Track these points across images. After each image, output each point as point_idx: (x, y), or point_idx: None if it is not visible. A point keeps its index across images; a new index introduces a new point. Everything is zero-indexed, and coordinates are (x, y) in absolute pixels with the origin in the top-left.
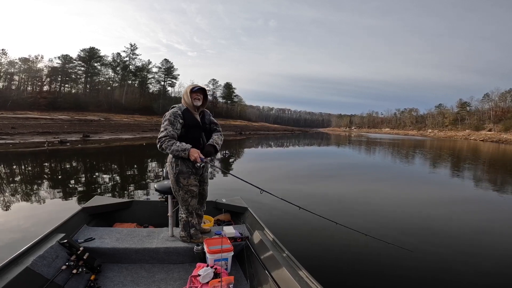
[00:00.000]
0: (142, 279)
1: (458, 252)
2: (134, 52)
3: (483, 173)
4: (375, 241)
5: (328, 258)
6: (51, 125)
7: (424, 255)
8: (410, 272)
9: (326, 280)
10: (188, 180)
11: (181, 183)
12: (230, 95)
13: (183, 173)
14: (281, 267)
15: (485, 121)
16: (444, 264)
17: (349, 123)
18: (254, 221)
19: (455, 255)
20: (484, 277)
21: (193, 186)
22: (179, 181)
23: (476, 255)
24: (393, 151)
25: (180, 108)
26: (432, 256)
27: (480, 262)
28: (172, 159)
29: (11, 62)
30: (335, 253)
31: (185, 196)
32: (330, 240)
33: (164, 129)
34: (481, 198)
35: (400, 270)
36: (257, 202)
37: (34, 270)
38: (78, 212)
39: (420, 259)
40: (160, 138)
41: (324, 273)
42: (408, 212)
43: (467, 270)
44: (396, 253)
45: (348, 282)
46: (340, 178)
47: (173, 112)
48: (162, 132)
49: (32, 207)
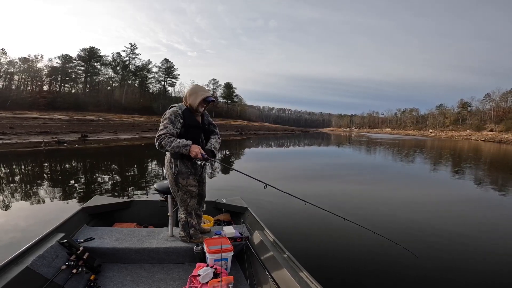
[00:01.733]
0: (142, 279)
1: (466, 256)
2: (134, 52)
3: (491, 174)
4: (377, 242)
5: (328, 258)
6: (50, 125)
7: (431, 258)
8: (413, 273)
9: (326, 280)
10: (187, 180)
11: (180, 183)
12: (230, 95)
13: (182, 173)
14: (281, 267)
15: (486, 121)
16: (452, 267)
17: (349, 123)
18: (254, 221)
19: (463, 259)
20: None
21: (192, 187)
22: (178, 181)
23: (484, 256)
24: (395, 151)
25: (180, 108)
26: (439, 260)
27: (492, 265)
28: (171, 160)
29: (11, 61)
30: (335, 253)
31: (184, 196)
32: (330, 240)
33: (164, 127)
34: (492, 199)
35: (402, 271)
36: (257, 202)
37: (34, 270)
38: (78, 212)
39: (426, 262)
40: (159, 136)
41: (324, 273)
42: (414, 212)
43: (475, 273)
44: (400, 254)
45: (348, 283)
46: (343, 177)
47: (174, 111)
48: (161, 130)
49: (27, 208)
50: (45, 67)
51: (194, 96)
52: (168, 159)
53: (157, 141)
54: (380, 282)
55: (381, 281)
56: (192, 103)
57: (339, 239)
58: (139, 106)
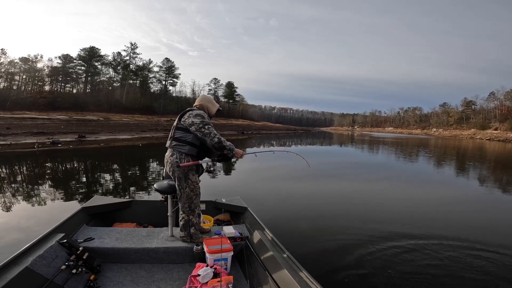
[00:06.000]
0: (141, 279)
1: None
2: (135, 51)
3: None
4: (380, 242)
5: (327, 258)
6: (48, 125)
7: (436, 260)
8: (417, 275)
9: (326, 279)
10: (196, 177)
11: (189, 179)
12: (232, 94)
13: (192, 169)
14: (280, 267)
15: (490, 120)
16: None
17: (351, 122)
18: (253, 221)
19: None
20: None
21: (198, 184)
22: (188, 177)
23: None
24: (402, 150)
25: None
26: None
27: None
28: (182, 155)
29: (11, 62)
30: (335, 253)
31: (191, 193)
32: (331, 240)
33: (212, 129)
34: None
35: (405, 272)
36: (257, 201)
37: (34, 270)
38: (77, 212)
39: (434, 262)
40: (215, 134)
41: (324, 273)
42: (420, 211)
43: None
44: (403, 255)
45: (348, 283)
46: (349, 176)
47: (207, 117)
48: (212, 129)
49: (16, 212)
50: (45, 67)
51: (211, 105)
52: (178, 155)
53: (216, 138)
54: (381, 282)
55: (383, 281)
56: (211, 111)
57: (340, 239)
58: (140, 105)
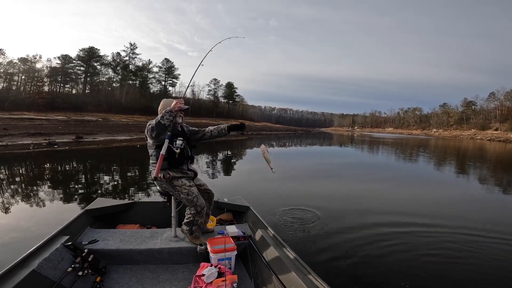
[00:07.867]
0: (147, 280)
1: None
2: (134, 52)
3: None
4: (385, 241)
5: (332, 256)
6: (46, 126)
7: (442, 263)
8: (421, 276)
9: (330, 277)
10: (183, 180)
11: (177, 185)
12: (231, 95)
13: (174, 177)
14: (284, 266)
15: (491, 121)
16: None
17: (351, 123)
18: (256, 220)
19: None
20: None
21: (188, 186)
22: (174, 185)
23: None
24: (402, 150)
25: None
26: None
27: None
28: (161, 174)
29: (10, 62)
30: (340, 251)
31: (188, 197)
32: (334, 239)
33: (151, 122)
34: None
35: (410, 274)
36: (258, 201)
37: (41, 273)
38: (81, 215)
39: (442, 264)
40: (153, 121)
41: (328, 271)
42: (423, 211)
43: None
44: (400, 252)
45: (355, 281)
46: (351, 176)
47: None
48: (152, 121)
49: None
50: (44, 67)
51: (164, 107)
52: (152, 171)
53: (153, 121)
54: (386, 281)
55: (388, 280)
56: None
57: (344, 238)
58: (139, 106)
